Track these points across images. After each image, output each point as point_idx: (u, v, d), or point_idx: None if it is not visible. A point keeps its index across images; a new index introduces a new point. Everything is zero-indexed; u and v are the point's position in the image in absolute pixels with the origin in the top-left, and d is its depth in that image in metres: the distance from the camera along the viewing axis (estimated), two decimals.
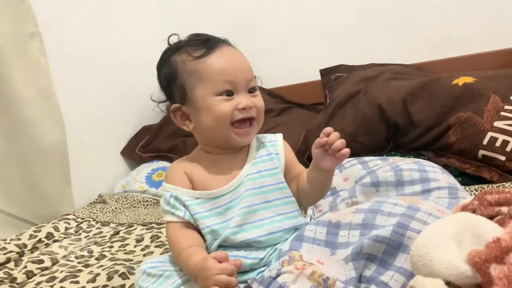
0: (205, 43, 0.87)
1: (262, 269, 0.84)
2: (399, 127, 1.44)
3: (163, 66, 0.91)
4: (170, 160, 1.94)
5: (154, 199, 1.74)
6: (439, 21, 1.77)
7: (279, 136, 0.96)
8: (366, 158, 1.28)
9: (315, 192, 0.90)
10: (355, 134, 1.49)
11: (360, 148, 1.48)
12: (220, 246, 0.86)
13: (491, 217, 0.62)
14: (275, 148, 0.93)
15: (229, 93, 0.85)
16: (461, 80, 1.42)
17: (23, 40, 1.57)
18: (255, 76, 0.90)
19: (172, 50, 0.90)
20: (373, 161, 1.23)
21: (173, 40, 0.93)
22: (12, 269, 1.17)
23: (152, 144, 2.06)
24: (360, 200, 1.09)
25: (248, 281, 0.75)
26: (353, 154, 1.41)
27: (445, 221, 0.63)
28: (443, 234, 0.60)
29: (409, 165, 1.11)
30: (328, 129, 0.80)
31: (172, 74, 0.88)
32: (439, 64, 1.73)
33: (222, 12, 2.15)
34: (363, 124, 1.49)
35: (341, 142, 0.79)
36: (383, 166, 1.16)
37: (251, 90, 0.88)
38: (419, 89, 1.45)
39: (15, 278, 1.12)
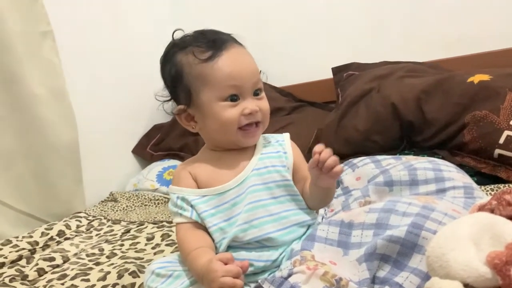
0: (212, 45, 0.85)
1: (274, 270, 0.83)
2: (413, 126, 1.42)
3: (167, 63, 0.90)
4: (181, 158, 1.94)
5: (165, 197, 1.73)
6: (453, 18, 1.74)
7: (286, 135, 0.95)
8: (379, 157, 1.26)
9: (318, 203, 0.89)
10: (368, 132, 1.48)
11: (373, 147, 1.46)
12: (229, 247, 0.84)
13: (510, 218, 0.60)
14: (283, 147, 0.92)
15: (234, 98, 0.84)
16: (476, 78, 1.39)
17: (35, 39, 1.58)
18: (260, 71, 0.89)
19: (177, 48, 0.88)
20: (387, 160, 1.21)
21: (178, 35, 0.91)
22: (23, 267, 1.18)
23: (164, 143, 2.06)
24: (373, 199, 1.07)
25: (259, 281, 0.74)
26: (366, 153, 1.42)
27: (462, 221, 0.61)
28: (460, 234, 0.58)
29: (423, 164, 1.09)
30: (319, 146, 0.78)
31: (177, 75, 0.87)
32: (453, 62, 1.70)
33: (233, 9, 2.14)
34: (376, 122, 1.47)
35: (333, 160, 0.77)
36: (397, 165, 1.14)
37: (257, 92, 0.87)
38: (433, 87, 1.43)
39: (27, 276, 1.12)
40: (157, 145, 2.07)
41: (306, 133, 1.63)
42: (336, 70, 1.85)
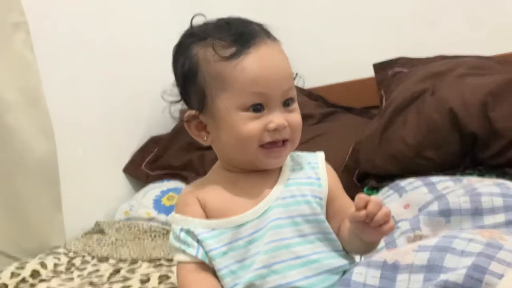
0: (237, 39, 0.85)
1: None
2: (477, 138, 1.42)
3: (181, 54, 0.90)
4: (184, 179, 1.96)
5: (164, 228, 1.75)
6: None
7: (321, 156, 0.95)
8: (433, 179, 1.26)
9: (356, 252, 0.90)
10: (419, 147, 1.48)
11: (426, 165, 1.46)
12: None
13: None
14: (315, 171, 0.92)
15: (258, 108, 0.84)
16: None
17: (5, 32, 1.61)
18: (296, 75, 0.90)
19: (195, 38, 0.89)
20: (443, 183, 1.22)
21: (198, 21, 0.91)
22: None
23: (162, 159, 2.09)
24: (425, 233, 1.07)
25: None
26: (417, 173, 1.42)
27: None
28: None
29: (490, 188, 1.09)
30: (362, 197, 0.77)
31: (191, 72, 0.88)
32: None
33: None
34: (430, 134, 1.47)
35: (384, 214, 0.76)
36: (456, 190, 1.14)
37: (288, 102, 0.87)
38: (503, 89, 1.43)
39: None
40: (154, 162, 2.10)
41: (340, 147, 1.64)
42: (379, 67, 1.86)
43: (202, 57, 0.87)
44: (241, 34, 0.85)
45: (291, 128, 0.86)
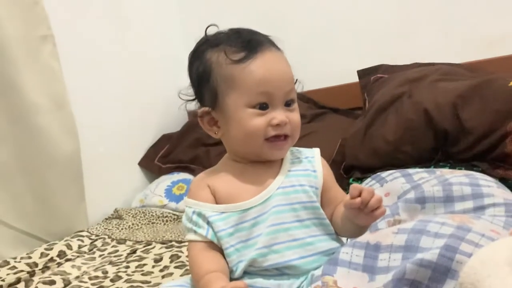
0: (246, 46, 0.86)
1: None
2: (448, 135, 1.42)
3: (196, 59, 0.91)
4: (192, 171, 1.97)
5: (174, 214, 1.76)
6: (495, 15, 1.73)
7: (317, 151, 0.95)
8: (410, 171, 1.26)
9: (347, 235, 0.91)
10: (398, 143, 1.48)
11: (404, 159, 1.46)
12: (246, 273, 0.84)
13: None
14: (312, 164, 0.92)
15: (264, 106, 0.85)
16: None
17: (35, 44, 1.62)
18: (296, 81, 0.91)
19: (209, 45, 0.90)
20: (419, 174, 1.21)
21: (210, 31, 0.92)
22: None
23: (173, 154, 2.09)
24: (403, 218, 1.07)
25: None
26: (396, 166, 1.42)
27: (500, 244, 0.62)
28: (497, 258, 0.59)
29: (460, 179, 1.09)
30: (357, 186, 0.78)
31: (205, 74, 0.88)
32: (494, 63, 1.69)
33: (248, 8, 2.16)
34: (407, 131, 1.47)
35: (376, 200, 0.78)
36: (430, 180, 1.14)
37: (289, 103, 0.88)
38: (471, 92, 1.42)
39: None
40: (165, 157, 2.10)
41: (329, 143, 1.64)
42: (363, 73, 1.86)
43: (215, 61, 0.87)
44: (249, 41, 0.87)
45: (291, 125, 0.87)
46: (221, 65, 0.86)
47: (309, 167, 0.92)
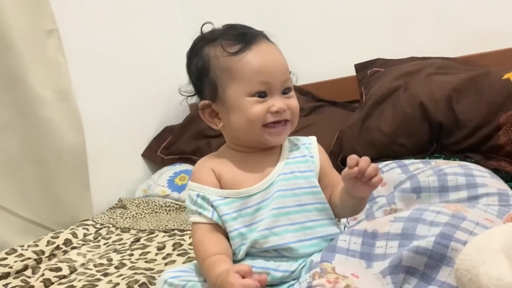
0: (241, 38, 0.87)
1: (292, 282, 0.83)
2: (443, 127, 1.41)
3: (194, 56, 0.92)
4: (193, 163, 1.94)
5: (177, 204, 1.76)
6: (488, 10, 1.72)
7: (313, 138, 0.97)
8: (406, 161, 1.26)
9: (347, 213, 0.91)
10: (394, 135, 1.47)
11: (400, 150, 1.46)
12: (247, 254, 0.85)
13: None
14: (309, 150, 0.93)
15: (262, 95, 0.86)
16: None
17: (40, 38, 1.61)
18: (290, 72, 0.91)
19: (206, 41, 0.91)
20: (414, 165, 1.21)
21: (206, 28, 0.93)
22: (29, 277, 1.21)
23: (175, 146, 2.09)
24: (399, 207, 1.07)
25: None
26: (392, 157, 1.42)
27: (494, 232, 0.62)
28: (492, 246, 0.58)
29: (454, 169, 1.09)
30: (354, 157, 0.79)
31: (204, 68, 0.89)
32: (488, 57, 1.68)
33: (248, 2, 2.15)
34: (403, 123, 1.47)
35: (373, 168, 0.78)
36: (425, 170, 1.14)
37: (286, 91, 0.89)
38: (465, 85, 1.42)
39: (33, 287, 1.15)
40: (168, 148, 2.10)
41: (326, 135, 1.63)
42: (360, 67, 1.85)
43: (213, 55, 0.88)
44: (244, 34, 0.89)
45: (291, 111, 0.89)
46: (218, 58, 0.87)
47: (307, 153, 0.93)
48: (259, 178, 0.88)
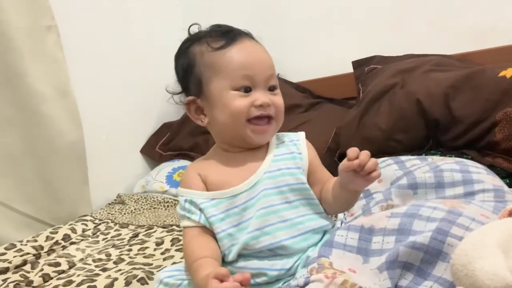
0: (226, 35, 0.88)
1: (288, 278, 0.83)
2: (439, 124, 1.41)
3: (180, 56, 0.92)
4: (192, 158, 1.96)
5: (175, 200, 1.75)
6: (485, 7, 1.72)
7: (302, 134, 0.95)
8: (403, 158, 1.26)
9: (339, 208, 0.90)
10: (391, 131, 1.47)
11: (396, 146, 1.46)
12: (240, 255, 0.84)
13: None
14: (297, 147, 0.92)
15: (247, 89, 0.85)
16: (509, 72, 1.37)
17: (39, 34, 1.61)
18: (278, 74, 0.91)
19: (192, 41, 0.91)
20: (411, 161, 1.21)
21: (194, 30, 0.94)
22: (28, 272, 1.20)
23: (173, 142, 2.08)
24: (396, 203, 1.07)
25: None
26: (389, 153, 1.42)
27: (490, 227, 0.62)
28: (488, 241, 0.58)
29: (451, 165, 1.09)
30: (354, 149, 0.77)
31: (189, 65, 0.89)
32: (484, 54, 1.68)
33: (246, 1, 2.14)
34: (400, 120, 1.47)
35: (373, 163, 0.77)
36: (422, 166, 1.14)
37: (271, 88, 0.88)
38: (462, 82, 1.42)
39: (32, 281, 1.15)
40: (166, 144, 2.10)
41: (324, 131, 1.63)
42: (357, 64, 1.85)
43: (198, 52, 0.89)
44: (228, 31, 0.89)
45: (276, 108, 0.87)
46: (203, 54, 0.88)
47: (295, 149, 0.92)
48: (244, 177, 0.87)
